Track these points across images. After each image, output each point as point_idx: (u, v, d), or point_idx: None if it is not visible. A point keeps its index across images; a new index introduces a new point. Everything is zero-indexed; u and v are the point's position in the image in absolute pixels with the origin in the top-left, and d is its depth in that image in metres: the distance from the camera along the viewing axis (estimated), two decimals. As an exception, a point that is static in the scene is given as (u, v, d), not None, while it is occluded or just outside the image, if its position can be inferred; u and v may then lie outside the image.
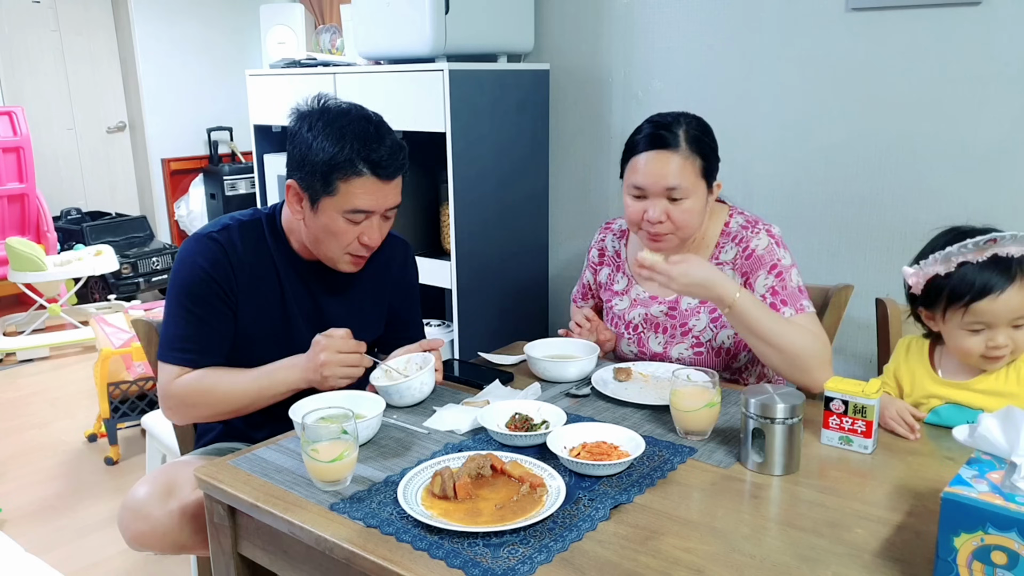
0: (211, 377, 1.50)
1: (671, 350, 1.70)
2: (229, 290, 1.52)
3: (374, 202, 1.47)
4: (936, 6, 1.97)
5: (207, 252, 1.51)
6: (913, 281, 1.39)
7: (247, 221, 1.59)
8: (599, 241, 1.87)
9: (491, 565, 0.99)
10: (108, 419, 2.92)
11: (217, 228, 1.55)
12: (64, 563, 2.28)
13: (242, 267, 1.53)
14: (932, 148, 2.03)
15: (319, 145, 1.43)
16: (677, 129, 1.58)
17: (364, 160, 1.43)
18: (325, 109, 1.48)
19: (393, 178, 1.49)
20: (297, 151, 1.47)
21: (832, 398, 1.31)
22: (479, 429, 1.39)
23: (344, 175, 1.43)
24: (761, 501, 1.16)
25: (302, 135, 1.46)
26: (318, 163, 1.43)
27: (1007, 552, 0.87)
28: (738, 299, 1.48)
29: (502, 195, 2.67)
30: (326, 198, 1.45)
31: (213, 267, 1.50)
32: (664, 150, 1.57)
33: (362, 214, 1.47)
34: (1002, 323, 1.31)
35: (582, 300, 1.92)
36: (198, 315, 1.50)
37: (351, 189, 1.44)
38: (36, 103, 5.03)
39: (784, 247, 1.62)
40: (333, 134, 1.43)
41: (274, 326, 1.57)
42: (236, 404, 1.51)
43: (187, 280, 1.51)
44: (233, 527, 1.28)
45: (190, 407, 1.53)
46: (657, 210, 1.58)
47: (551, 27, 2.72)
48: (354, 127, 1.45)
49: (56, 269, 4.06)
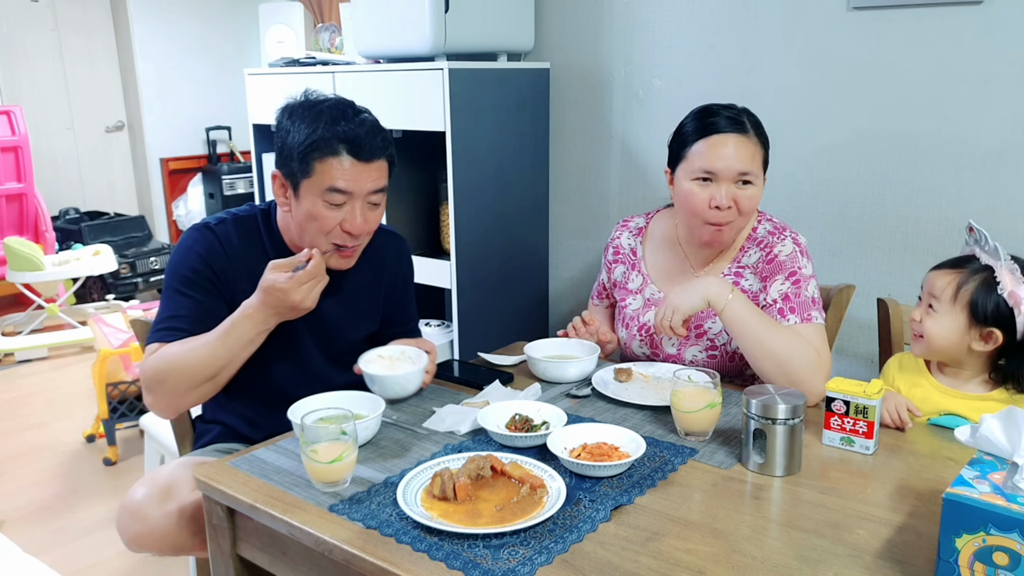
0: (175, 347, 1.46)
1: (685, 352, 1.70)
2: (224, 278, 1.52)
3: (352, 183, 1.46)
4: (938, 5, 1.96)
5: (203, 240, 1.52)
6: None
7: (243, 216, 1.59)
8: (615, 239, 1.85)
9: (491, 566, 0.98)
10: (107, 420, 2.91)
11: (214, 221, 1.57)
12: (62, 564, 2.27)
13: (238, 259, 1.53)
14: (934, 147, 2.03)
15: (296, 128, 1.45)
16: (741, 115, 1.60)
17: (339, 139, 1.44)
18: (306, 99, 1.50)
19: (372, 160, 1.47)
20: (279, 140, 1.49)
21: (833, 399, 1.30)
22: (479, 430, 1.39)
23: (320, 155, 1.44)
24: (762, 502, 1.16)
25: (283, 124, 1.49)
26: (296, 146, 1.45)
27: (1009, 553, 0.87)
28: (731, 300, 1.49)
29: (502, 195, 2.67)
30: (305, 181, 1.46)
31: (209, 254, 1.51)
32: (735, 133, 1.57)
33: (340, 195, 1.46)
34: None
35: (597, 299, 1.91)
36: (190, 296, 1.50)
37: (327, 169, 1.44)
38: (34, 102, 5.02)
39: (808, 257, 1.61)
40: (309, 117, 1.45)
41: None
42: (204, 363, 1.43)
43: (182, 266, 1.51)
44: (232, 528, 1.27)
45: (160, 382, 1.45)
46: (725, 195, 1.57)
47: (551, 26, 2.71)
48: (331, 110, 1.46)
49: (54, 269, 4.06)
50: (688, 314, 1.52)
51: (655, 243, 1.79)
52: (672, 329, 1.53)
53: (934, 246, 2.05)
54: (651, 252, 1.79)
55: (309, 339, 1.61)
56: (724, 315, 1.50)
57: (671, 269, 1.75)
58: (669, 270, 1.75)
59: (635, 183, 2.62)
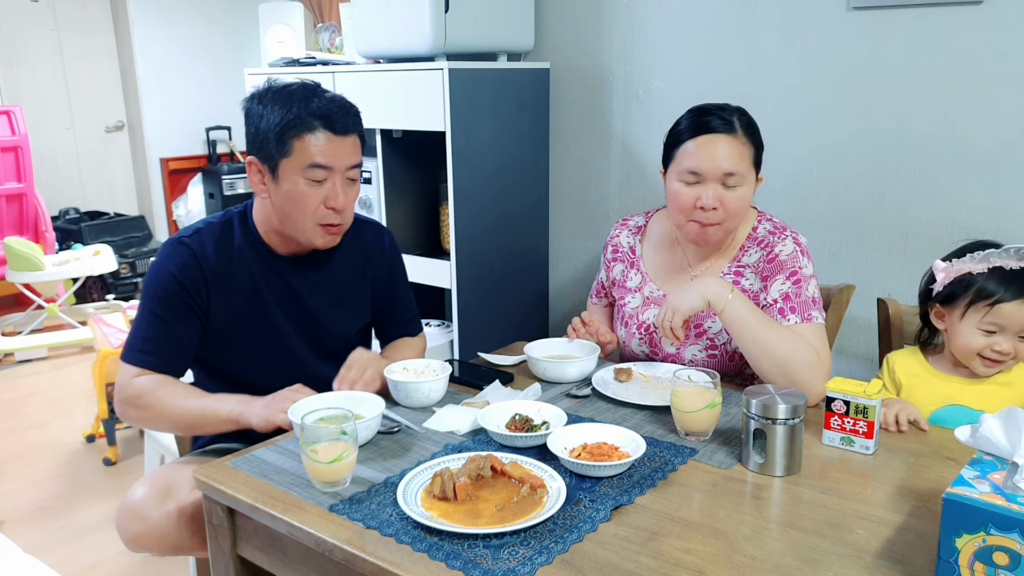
0: (167, 387, 1.49)
1: (685, 351, 1.70)
2: (198, 296, 1.52)
3: (331, 157, 1.48)
4: (938, 5, 1.96)
5: (177, 258, 1.52)
6: (942, 276, 1.46)
7: (218, 223, 1.59)
8: (614, 237, 1.85)
9: (491, 566, 0.98)
10: (107, 420, 2.91)
11: (189, 233, 1.56)
12: (62, 564, 2.27)
13: (212, 271, 1.53)
14: (934, 147, 2.03)
15: (269, 111, 1.47)
16: (732, 115, 1.59)
17: (313, 115, 1.46)
18: (272, 85, 1.53)
19: (347, 134, 1.50)
20: (251, 126, 1.51)
21: (833, 399, 1.30)
22: (479, 430, 1.39)
23: (297, 132, 1.46)
24: (762, 502, 1.16)
25: (254, 110, 1.50)
26: (271, 128, 1.46)
27: (1009, 553, 0.87)
28: (731, 300, 1.49)
29: (502, 195, 2.67)
30: (284, 160, 1.47)
31: (181, 272, 1.51)
32: (723, 134, 1.57)
33: (321, 170, 1.48)
34: (1013, 330, 1.39)
35: (596, 298, 1.91)
36: (163, 319, 1.51)
37: (305, 146, 1.46)
38: (34, 102, 5.02)
39: (808, 257, 1.61)
40: (281, 99, 1.48)
41: (255, 325, 1.57)
42: (176, 421, 1.49)
43: (155, 285, 1.52)
44: (232, 528, 1.27)
45: (139, 408, 1.49)
46: (711, 196, 1.57)
47: (551, 26, 2.71)
48: (301, 90, 1.50)
49: (54, 269, 4.06)
50: (688, 315, 1.52)
51: (654, 242, 1.79)
52: (672, 331, 1.53)
53: (934, 246, 2.05)
54: (650, 251, 1.79)
55: (296, 337, 1.61)
56: (724, 315, 1.50)
57: (670, 268, 1.75)
58: (668, 269, 1.75)
59: (635, 183, 2.62)
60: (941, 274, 1.46)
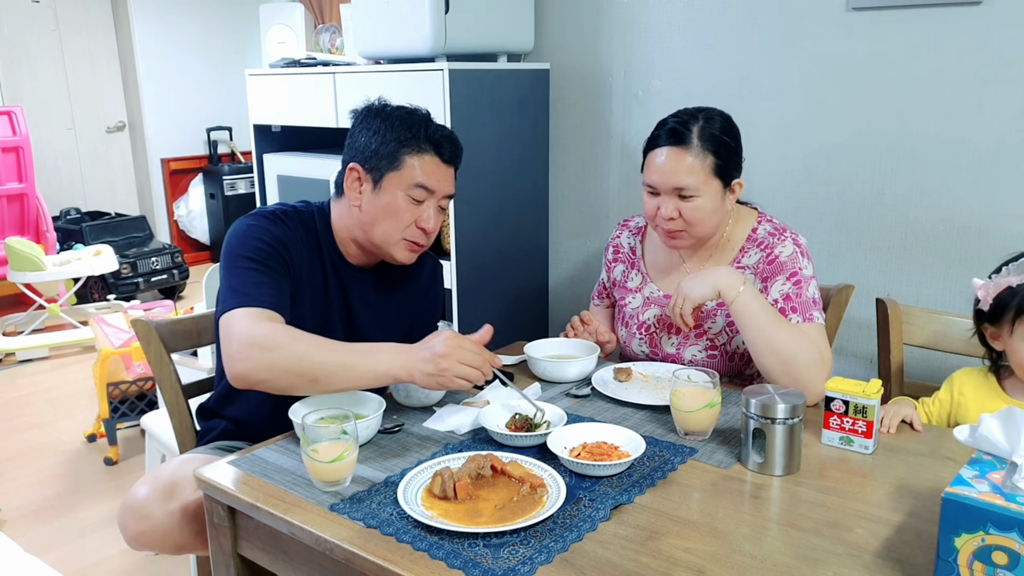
0: (297, 331, 1.37)
1: (684, 352, 1.70)
2: (290, 262, 1.51)
3: (436, 181, 1.53)
4: (937, 6, 1.96)
5: (272, 228, 1.50)
6: (982, 293, 1.41)
7: (304, 211, 1.60)
8: (615, 238, 1.87)
9: (491, 566, 0.99)
10: (107, 419, 2.91)
11: (280, 210, 1.56)
12: (63, 563, 2.28)
13: (298, 251, 1.54)
14: (933, 148, 2.03)
15: (389, 125, 1.52)
16: (692, 126, 1.58)
17: (430, 139, 1.52)
18: (388, 104, 1.58)
19: (453, 164, 1.58)
20: (363, 136, 1.54)
21: (833, 398, 1.31)
22: (479, 429, 1.39)
23: (411, 150, 1.51)
24: (762, 501, 1.16)
25: (371, 123, 1.54)
26: (387, 141, 1.51)
27: (1008, 552, 0.87)
28: (742, 292, 1.49)
29: (502, 195, 2.67)
30: (391, 173, 1.50)
31: (276, 240, 1.49)
32: (675, 147, 1.57)
33: (423, 191, 1.52)
34: None
35: (598, 299, 1.92)
36: (266, 270, 1.45)
37: (416, 165, 1.51)
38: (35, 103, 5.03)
39: (808, 258, 1.62)
40: (401, 117, 1.54)
41: (309, 318, 1.54)
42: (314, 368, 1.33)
43: (255, 244, 1.46)
44: (233, 527, 1.28)
45: (268, 350, 1.33)
46: (669, 207, 1.59)
47: (551, 26, 2.72)
48: (421, 115, 1.56)
49: (55, 269, 4.06)
50: (698, 302, 1.52)
51: (654, 242, 1.79)
52: (682, 318, 1.54)
53: (934, 246, 2.05)
54: (650, 251, 1.80)
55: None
56: (734, 306, 1.49)
57: (670, 268, 1.75)
58: (668, 269, 1.76)
59: (635, 183, 2.62)
60: (980, 292, 1.40)
